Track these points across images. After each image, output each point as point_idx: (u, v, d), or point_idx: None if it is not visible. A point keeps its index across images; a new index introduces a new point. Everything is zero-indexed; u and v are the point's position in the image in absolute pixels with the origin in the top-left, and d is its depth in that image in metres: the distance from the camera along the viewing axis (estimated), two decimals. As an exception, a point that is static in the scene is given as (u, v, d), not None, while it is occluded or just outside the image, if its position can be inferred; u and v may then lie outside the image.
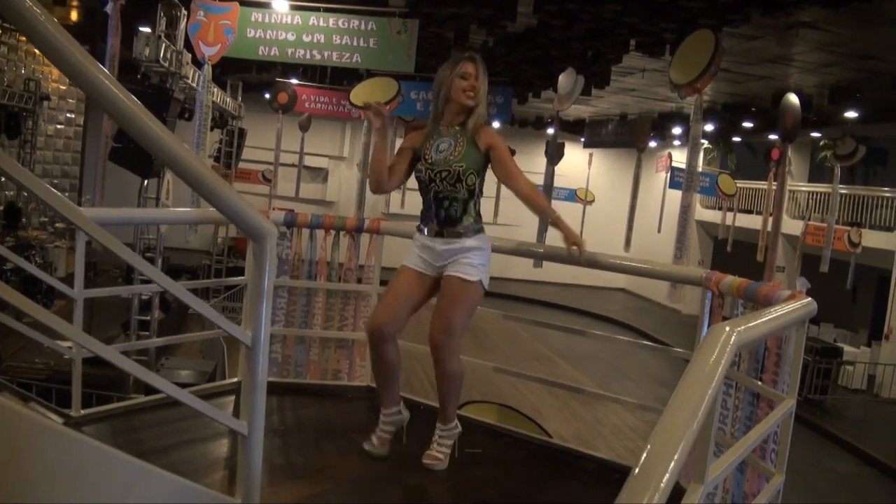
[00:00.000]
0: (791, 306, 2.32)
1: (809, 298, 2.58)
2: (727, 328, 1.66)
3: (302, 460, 3.18)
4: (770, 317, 2.00)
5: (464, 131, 3.28)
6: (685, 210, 6.82)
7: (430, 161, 3.23)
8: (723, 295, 3.05)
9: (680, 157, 15.21)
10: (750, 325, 1.78)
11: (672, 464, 1.27)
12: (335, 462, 3.19)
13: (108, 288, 4.03)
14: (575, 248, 3.33)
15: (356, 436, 3.44)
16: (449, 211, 3.22)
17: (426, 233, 3.25)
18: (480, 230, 3.28)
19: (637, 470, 1.25)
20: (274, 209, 5.75)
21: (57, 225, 9.44)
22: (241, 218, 2.10)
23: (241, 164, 17.07)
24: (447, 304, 3.17)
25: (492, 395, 9.42)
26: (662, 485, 1.21)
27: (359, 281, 4.15)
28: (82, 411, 3.23)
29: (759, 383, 2.74)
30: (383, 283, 4.10)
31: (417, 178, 3.26)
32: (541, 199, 3.68)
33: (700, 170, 19.27)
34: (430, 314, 3.22)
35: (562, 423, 10.59)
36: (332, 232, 4.12)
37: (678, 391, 1.47)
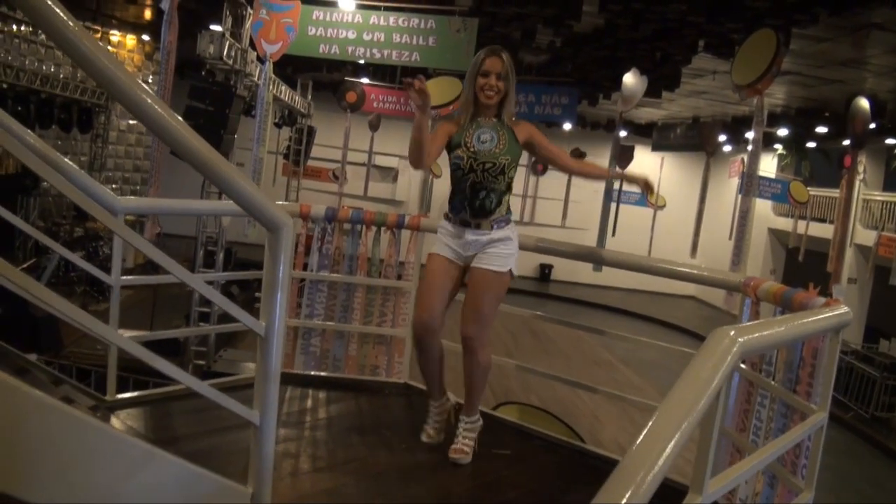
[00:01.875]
0: (818, 314, 2.22)
1: (845, 307, 2.46)
2: (731, 332, 1.59)
3: (326, 453, 3.19)
4: (785, 324, 1.91)
5: (502, 124, 3.28)
6: (744, 215, 6.62)
7: (472, 150, 3.22)
8: (760, 301, 2.95)
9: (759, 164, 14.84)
10: (759, 330, 1.70)
11: (650, 476, 1.22)
12: (361, 456, 3.19)
13: (144, 276, 4.12)
14: (647, 185, 3.54)
15: (387, 431, 3.45)
16: (484, 202, 3.23)
17: (457, 222, 3.26)
18: (509, 221, 3.31)
19: (615, 474, 1.22)
20: (344, 207, 5.84)
21: (127, 217, 9.74)
22: (256, 209, 2.11)
23: (312, 163, 17.33)
24: (478, 296, 3.20)
25: (550, 400, 9.34)
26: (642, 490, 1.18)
27: (399, 277, 4.16)
28: (117, 396, 3.31)
29: (794, 395, 2.64)
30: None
31: (456, 165, 3.24)
32: (592, 166, 3.83)
33: (773, 176, 18.81)
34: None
35: (618, 430, 10.41)
36: (374, 228, 4.15)
37: (669, 395, 1.41)
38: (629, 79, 9.76)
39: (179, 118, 1.95)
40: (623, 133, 19.00)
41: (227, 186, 2.02)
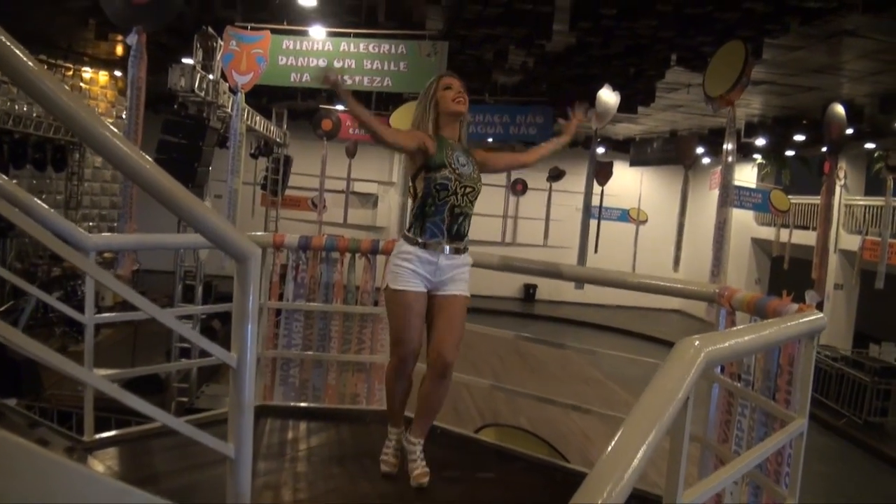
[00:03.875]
0: (788, 321, 2.24)
1: (818, 313, 2.48)
2: (696, 343, 1.61)
3: (307, 484, 3.17)
4: (752, 332, 1.92)
5: (466, 148, 3.32)
6: (721, 226, 6.67)
7: (457, 172, 3.21)
8: (735, 311, 2.97)
9: (736, 174, 14.98)
10: (725, 340, 1.72)
11: (619, 487, 1.23)
12: (343, 486, 3.18)
13: (117, 314, 4.10)
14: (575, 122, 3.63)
15: (368, 460, 3.44)
16: (461, 227, 3.24)
17: (431, 247, 3.19)
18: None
19: (583, 486, 1.23)
20: (324, 235, 5.87)
21: (105, 254, 9.70)
22: (221, 239, 2.11)
23: (291, 192, 17.33)
24: (455, 321, 3.20)
25: (539, 421, 9.32)
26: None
27: (375, 304, 4.16)
28: (95, 436, 3.29)
29: (773, 402, 2.65)
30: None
31: (442, 186, 3.17)
32: (541, 149, 3.76)
33: (754, 185, 18.99)
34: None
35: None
36: (348, 255, 4.15)
37: (636, 407, 1.43)
38: (602, 95, 9.86)
39: (140, 151, 1.95)
40: (601, 150, 19.14)
41: (190, 218, 2.02)
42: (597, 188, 14.29)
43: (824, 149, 12.01)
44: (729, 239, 6.69)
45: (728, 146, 6.77)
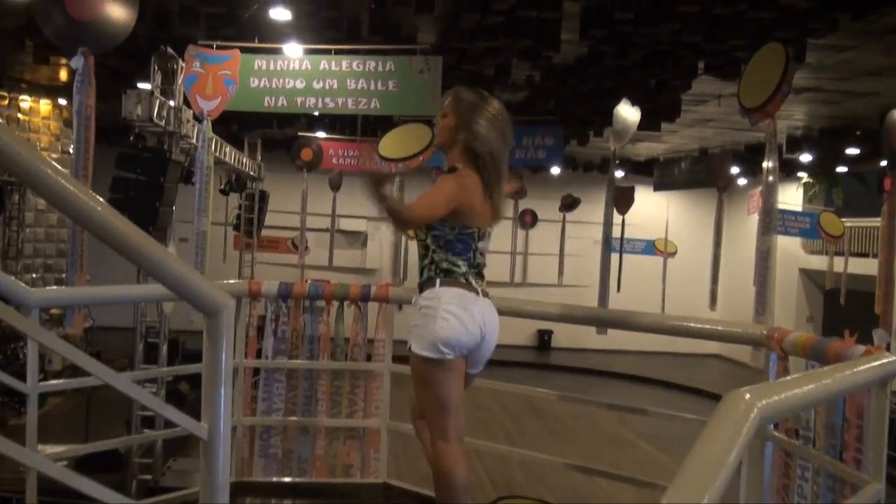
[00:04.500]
0: (855, 365, 2.19)
1: (890, 355, 2.43)
2: (747, 396, 1.56)
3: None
4: (814, 380, 1.88)
5: None
6: (764, 257, 6.62)
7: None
8: (788, 355, 2.92)
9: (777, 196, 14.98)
10: (782, 391, 1.67)
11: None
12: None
13: (66, 380, 4.06)
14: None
15: (366, 543, 3.37)
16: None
17: (481, 293, 3.25)
18: None
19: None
20: (307, 281, 5.87)
21: (52, 311, 9.65)
22: (188, 290, 2.09)
23: (268, 232, 17.33)
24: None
25: (562, 490, 9.16)
26: None
27: (368, 358, 4.13)
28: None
29: (840, 463, 2.60)
30: (397, 359, 4.06)
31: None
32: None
33: (800, 209, 18.97)
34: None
35: (645, 518, 10.23)
36: (335, 303, 4.12)
37: (678, 476, 1.38)
38: (620, 111, 9.89)
39: (89, 192, 1.93)
40: (620, 173, 19.20)
41: (151, 266, 2.00)
42: (617, 217, 14.30)
43: (884, 163, 11.95)
44: (774, 271, 6.64)
45: (769, 164, 6.74)
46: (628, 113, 9.83)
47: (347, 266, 21.76)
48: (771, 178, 6.71)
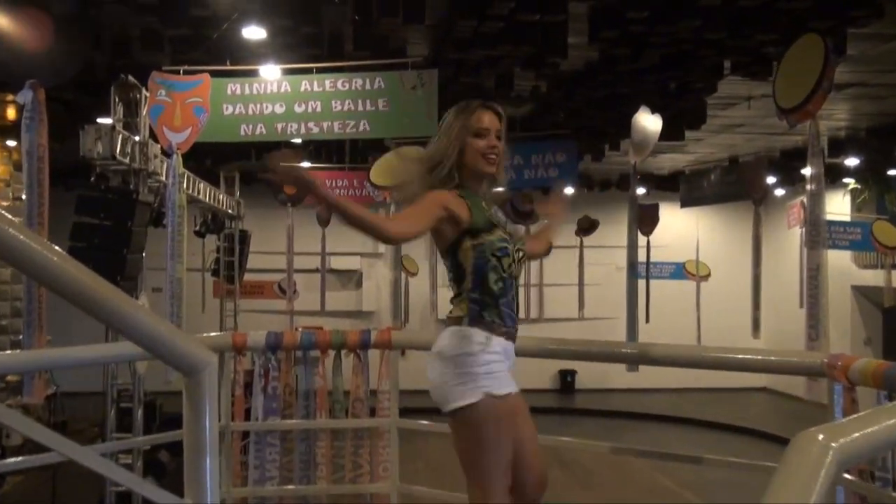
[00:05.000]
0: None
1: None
2: (820, 437, 1.50)
3: None
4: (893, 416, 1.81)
5: (490, 199, 3.32)
6: (814, 275, 6.55)
7: (508, 231, 3.24)
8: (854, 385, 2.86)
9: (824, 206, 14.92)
10: (860, 428, 1.61)
11: None
12: None
13: (26, 457, 4.01)
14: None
15: None
16: (517, 300, 3.24)
17: (510, 336, 3.21)
18: None
19: None
20: (297, 328, 5.85)
21: (7, 379, 9.61)
22: (164, 347, 2.06)
23: (251, 276, 17.33)
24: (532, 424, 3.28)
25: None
26: None
27: (372, 413, 4.08)
28: None
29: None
30: (406, 411, 4.01)
31: (503, 252, 3.17)
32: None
33: (848, 218, 18.90)
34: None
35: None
36: (331, 352, 4.08)
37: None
38: (639, 120, 9.88)
39: (44, 241, 1.89)
40: (641, 190, 19.15)
41: (120, 323, 1.96)
42: (641, 239, 14.25)
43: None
44: (827, 290, 6.58)
45: (812, 170, 6.71)
46: (648, 122, 9.80)
47: (341, 309, 21.71)
48: (816, 185, 6.67)
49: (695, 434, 19.09)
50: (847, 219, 18.66)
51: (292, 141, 10.90)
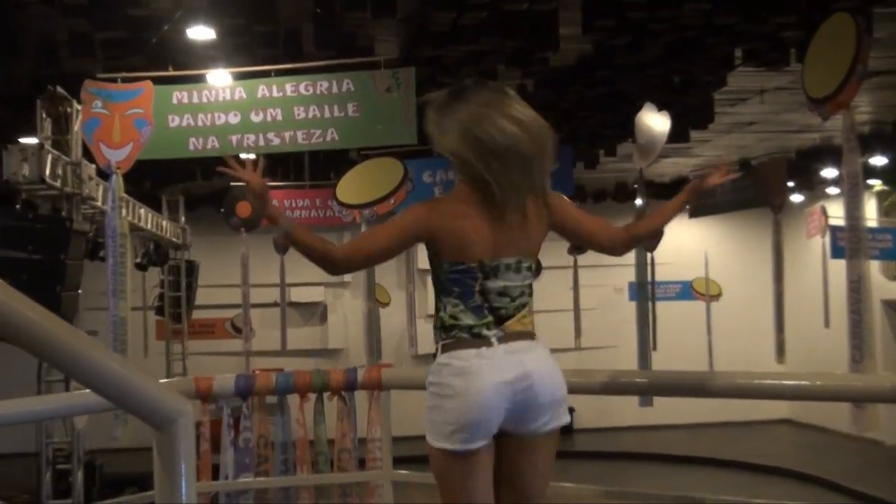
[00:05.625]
0: None
1: None
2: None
3: None
4: None
5: None
6: (855, 287, 6.49)
7: None
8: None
9: (840, 211, 14.92)
10: None
11: None
12: None
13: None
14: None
15: None
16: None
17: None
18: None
19: None
20: (255, 371, 5.80)
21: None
22: (129, 397, 1.95)
23: (200, 313, 17.21)
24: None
25: None
26: None
27: (361, 465, 4.00)
28: None
29: None
30: (400, 460, 3.94)
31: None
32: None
33: (875, 224, 18.98)
34: None
35: None
36: (311, 396, 4.00)
37: None
38: (644, 120, 9.83)
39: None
40: (639, 202, 19.14)
41: (72, 366, 1.84)
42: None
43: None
44: (871, 305, 6.53)
45: (847, 168, 6.66)
46: (654, 121, 9.73)
47: (305, 348, 21.64)
48: (852, 185, 6.61)
49: (712, 475, 19.03)
50: (874, 224, 18.75)
51: (247, 155, 10.79)
